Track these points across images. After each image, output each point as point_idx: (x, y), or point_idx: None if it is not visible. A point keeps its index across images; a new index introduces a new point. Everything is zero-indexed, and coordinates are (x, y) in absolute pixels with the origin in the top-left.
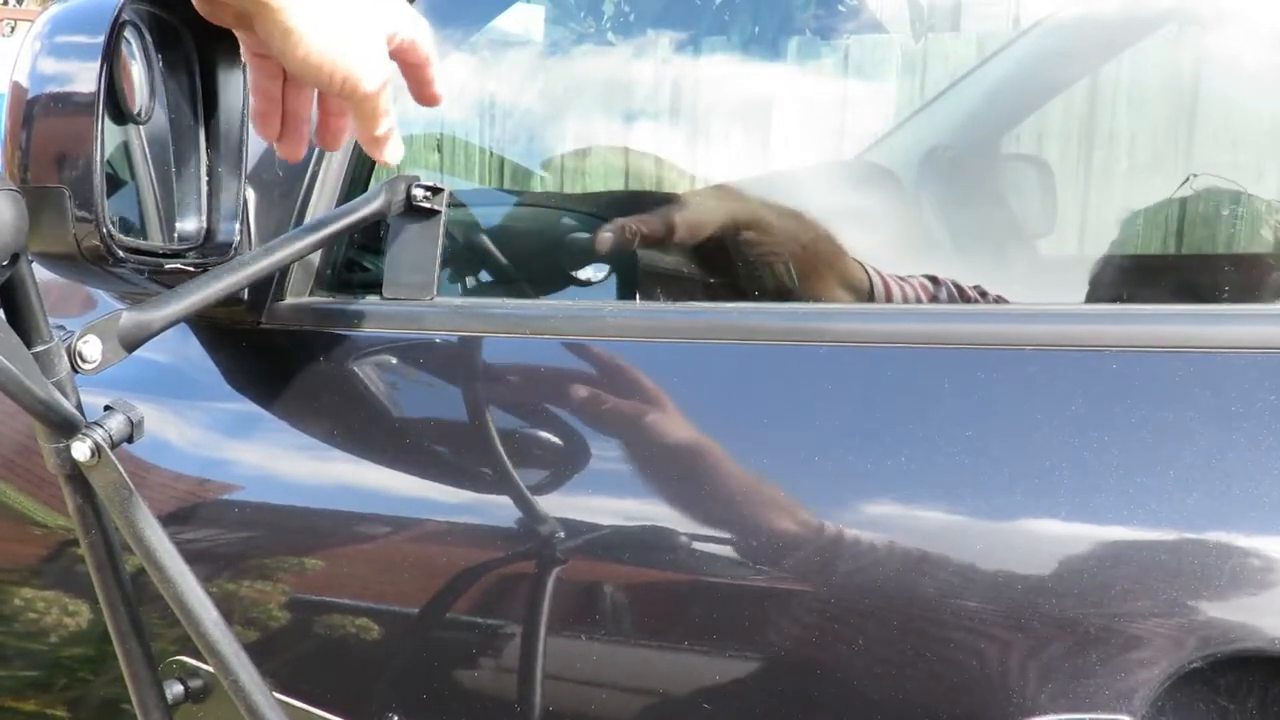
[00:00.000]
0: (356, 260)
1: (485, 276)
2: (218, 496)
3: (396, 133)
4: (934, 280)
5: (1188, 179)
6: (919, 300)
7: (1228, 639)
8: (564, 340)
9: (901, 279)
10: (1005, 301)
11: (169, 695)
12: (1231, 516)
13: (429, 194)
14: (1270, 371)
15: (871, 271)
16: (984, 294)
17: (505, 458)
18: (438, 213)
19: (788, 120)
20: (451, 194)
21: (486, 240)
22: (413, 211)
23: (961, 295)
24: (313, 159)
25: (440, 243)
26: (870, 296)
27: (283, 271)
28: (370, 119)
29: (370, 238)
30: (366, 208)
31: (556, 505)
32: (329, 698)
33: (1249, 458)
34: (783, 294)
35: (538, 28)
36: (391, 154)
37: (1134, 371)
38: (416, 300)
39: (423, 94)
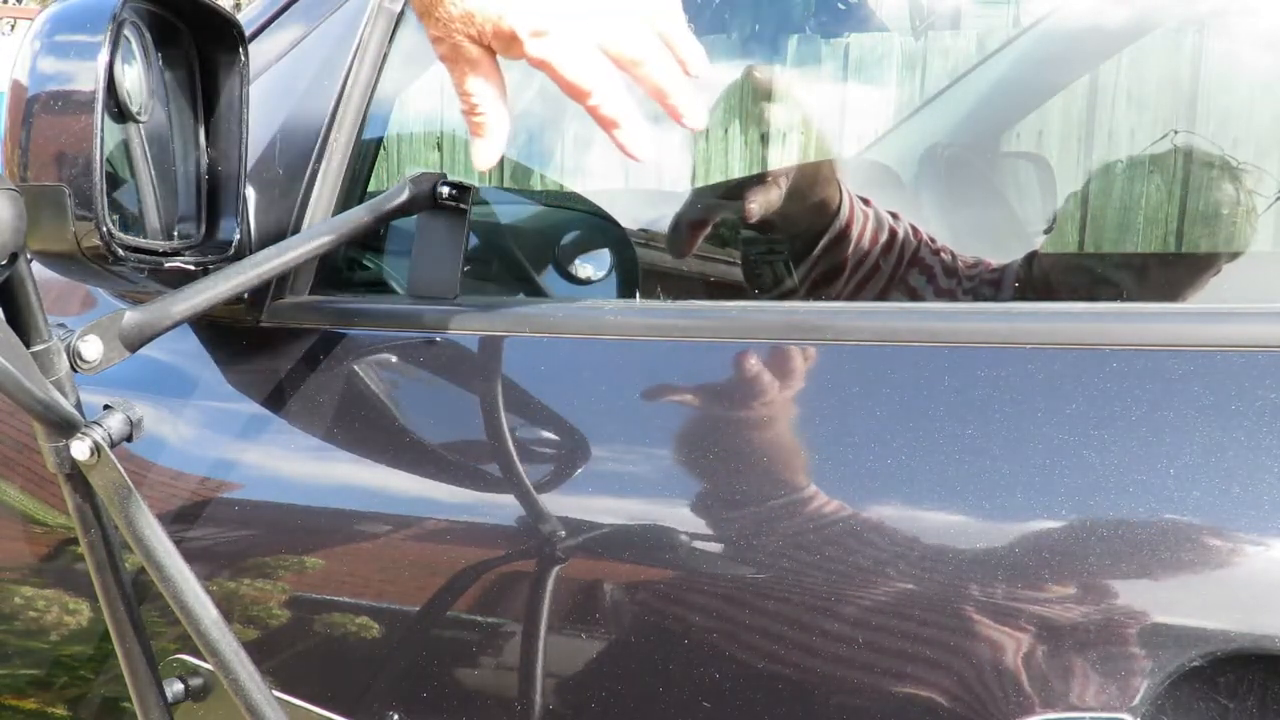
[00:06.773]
0: (356, 258)
1: (496, 274)
2: (217, 495)
3: (636, 126)
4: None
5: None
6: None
7: (1228, 639)
8: (564, 339)
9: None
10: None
11: (169, 693)
12: (1231, 515)
13: (455, 192)
14: (1270, 370)
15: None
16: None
17: (505, 456)
18: (463, 211)
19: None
20: (477, 191)
21: (509, 238)
22: (437, 209)
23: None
24: (312, 158)
25: (465, 241)
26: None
27: None
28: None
29: (371, 235)
30: (389, 204)
31: (557, 504)
32: (329, 696)
33: (1249, 456)
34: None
35: None
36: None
37: (1134, 369)
38: (425, 299)
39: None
